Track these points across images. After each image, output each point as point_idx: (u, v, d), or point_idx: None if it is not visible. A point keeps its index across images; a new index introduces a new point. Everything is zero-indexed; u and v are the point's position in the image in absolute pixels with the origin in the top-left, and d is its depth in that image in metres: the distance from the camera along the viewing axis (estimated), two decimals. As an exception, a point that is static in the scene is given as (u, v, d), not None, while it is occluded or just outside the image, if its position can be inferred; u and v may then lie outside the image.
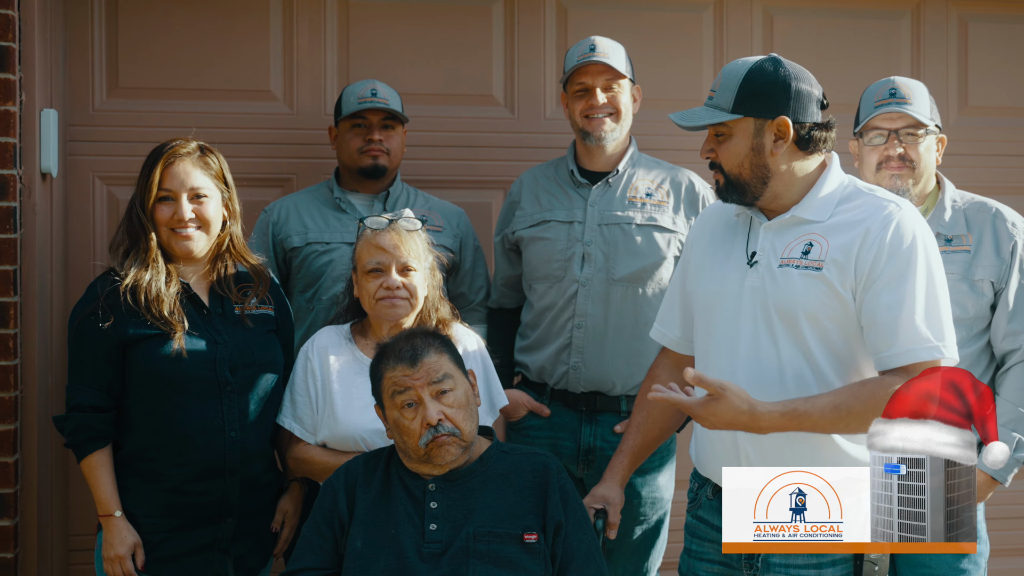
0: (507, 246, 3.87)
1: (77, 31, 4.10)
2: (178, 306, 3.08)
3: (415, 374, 2.74)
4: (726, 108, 2.66)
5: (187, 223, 3.10)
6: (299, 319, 3.73)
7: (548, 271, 3.70)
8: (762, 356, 2.64)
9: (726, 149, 2.68)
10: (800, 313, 2.60)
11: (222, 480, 3.07)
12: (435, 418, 2.70)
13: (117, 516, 3.06)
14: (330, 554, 2.76)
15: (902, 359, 2.53)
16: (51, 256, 3.92)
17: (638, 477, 3.58)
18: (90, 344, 3.06)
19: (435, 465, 2.74)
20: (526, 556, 2.68)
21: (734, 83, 2.66)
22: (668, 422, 3.06)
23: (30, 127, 3.75)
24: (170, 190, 3.10)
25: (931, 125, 3.32)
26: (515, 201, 3.85)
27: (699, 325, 2.83)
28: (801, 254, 2.63)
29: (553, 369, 3.70)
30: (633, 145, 3.79)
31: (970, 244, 3.29)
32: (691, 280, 2.88)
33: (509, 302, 3.94)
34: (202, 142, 3.20)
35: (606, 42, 3.68)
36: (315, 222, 3.81)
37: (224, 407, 3.07)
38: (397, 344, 2.81)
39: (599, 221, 3.66)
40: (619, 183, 3.71)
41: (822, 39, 4.54)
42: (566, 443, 3.69)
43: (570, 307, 3.66)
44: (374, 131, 3.79)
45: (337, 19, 4.28)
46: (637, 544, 3.70)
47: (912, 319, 2.53)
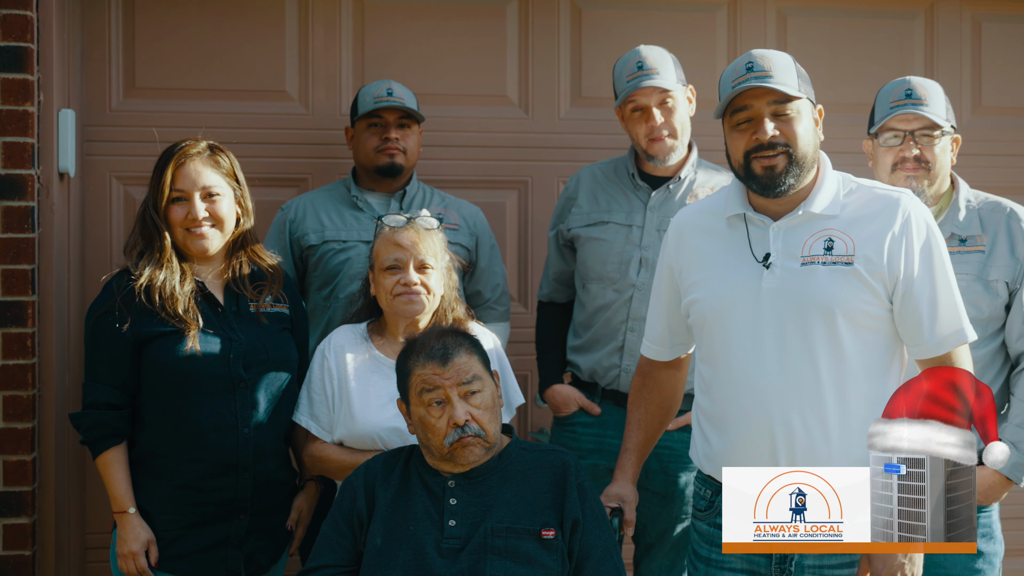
0: (561, 241, 3.85)
1: (94, 32, 4.12)
2: (192, 304, 3.09)
3: (445, 373, 2.74)
4: (793, 87, 2.65)
5: (201, 222, 3.12)
6: (316, 317, 3.74)
7: (604, 272, 3.68)
8: (792, 356, 2.63)
9: (798, 126, 2.65)
10: (836, 309, 2.60)
11: (235, 477, 3.09)
12: (462, 419, 2.71)
13: (131, 513, 3.07)
14: (349, 551, 2.77)
15: (946, 346, 2.63)
16: (68, 255, 3.94)
17: (683, 475, 3.60)
18: (106, 342, 3.08)
19: (457, 464, 2.75)
20: (544, 552, 2.69)
21: (789, 65, 2.67)
22: (666, 415, 3.09)
23: (48, 127, 3.78)
24: (182, 190, 3.12)
25: (947, 126, 3.32)
26: (572, 197, 3.82)
27: (711, 333, 2.77)
28: (824, 250, 2.64)
29: (605, 371, 3.69)
30: (695, 151, 3.74)
31: (984, 244, 3.28)
32: (690, 290, 2.82)
33: (560, 297, 3.92)
34: (212, 141, 3.21)
35: (653, 55, 3.61)
36: (332, 220, 3.82)
37: (237, 404, 3.09)
38: (428, 341, 2.81)
39: (658, 226, 3.62)
40: (680, 189, 3.67)
41: (835, 39, 4.54)
42: (613, 441, 3.63)
43: (624, 310, 3.64)
44: (390, 130, 3.79)
45: (352, 19, 4.29)
46: (677, 540, 3.68)
47: (949, 309, 2.64)
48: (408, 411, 2.83)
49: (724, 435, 2.75)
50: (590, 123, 4.33)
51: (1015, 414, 3.22)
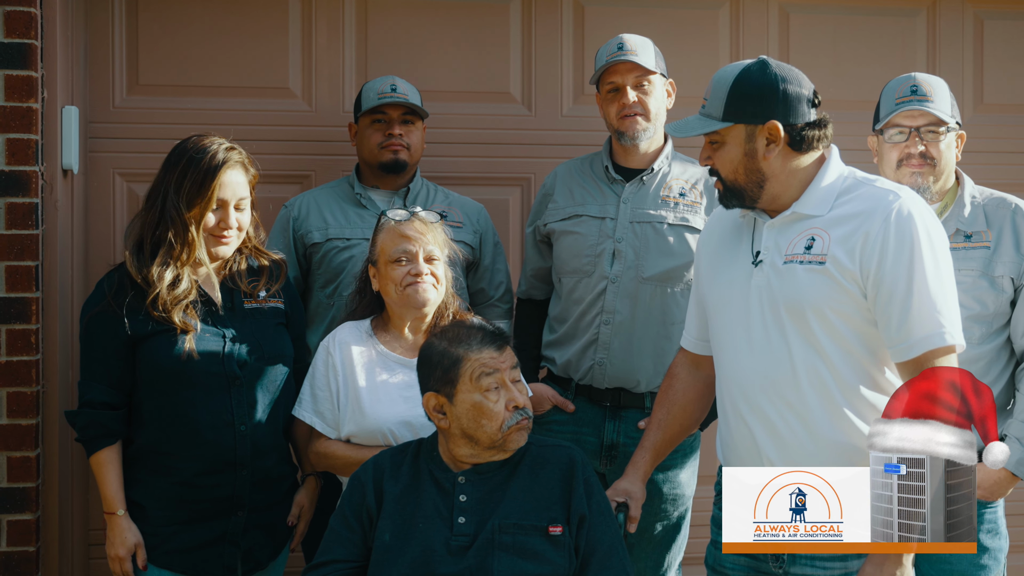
0: (538, 238, 3.86)
1: (98, 29, 4.12)
2: (191, 306, 3.08)
3: (501, 357, 2.78)
4: (717, 116, 2.68)
5: (230, 230, 3.12)
6: (319, 315, 3.74)
7: (578, 265, 3.69)
8: (774, 354, 2.66)
9: (721, 156, 2.70)
10: (807, 308, 2.61)
11: (232, 474, 3.08)
12: (522, 401, 2.76)
13: (120, 515, 3.07)
14: (359, 547, 2.77)
15: (918, 349, 2.55)
16: (72, 252, 3.94)
17: (660, 474, 3.59)
18: (100, 340, 3.07)
19: (505, 451, 2.78)
20: (551, 548, 2.70)
21: (723, 91, 2.67)
22: (689, 419, 3.08)
23: (52, 124, 3.78)
24: (223, 199, 3.09)
25: (952, 123, 3.32)
26: (548, 193, 3.84)
27: (713, 326, 2.86)
28: (804, 249, 2.65)
29: (579, 364, 3.70)
30: (669, 143, 3.77)
31: (990, 240, 3.28)
32: (704, 284, 2.91)
33: (538, 293, 3.94)
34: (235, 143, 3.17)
35: (634, 39, 3.67)
36: (336, 218, 3.82)
37: (233, 401, 3.08)
38: (472, 331, 2.84)
39: (631, 218, 3.66)
40: (653, 181, 3.70)
41: (838, 36, 4.55)
42: (589, 438, 3.69)
43: (599, 303, 3.66)
44: (394, 126, 3.79)
45: (355, 16, 4.29)
46: (659, 540, 3.70)
47: (924, 310, 2.54)
48: (452, 401, 2.79)
49: (725, 427, 2.82)
50: (593, 120, 4.30)
51: (1020, 410, 3.21)
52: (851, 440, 2.61)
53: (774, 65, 2.68)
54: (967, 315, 3.08)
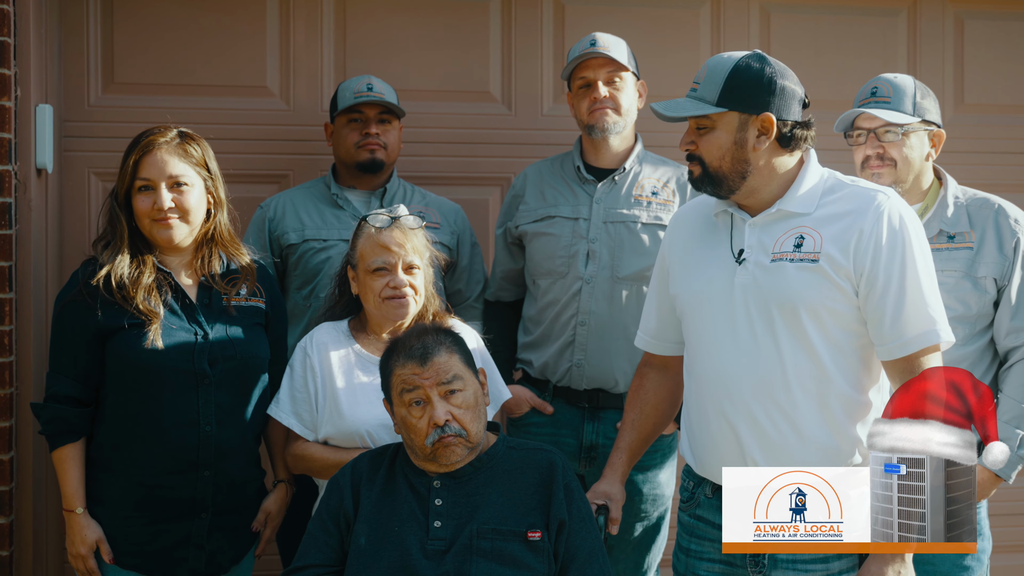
0: (509, 239, 3.85)
1: (73, 26, 4.08)
2: (156, 295, 3.03)
3: (424, 373, 2.73)
4: (711, 101, 2.66)
5: (167, 213, 3.05)
6: (296, 316, 3.71)
7: (552, 267, 3.68)
8: (762, 353, 2.64)
9: (708, 141, 2.69)
10: (800, 306, 2.60)
11: (195, 475, 3.03)
12: (442, 418, 2.69)
13: (78, 512, 3.03)
14: (336, 551, 2.74)
15: (912, 346, 2.57)
16: (46, 252, 3.90)
17: (639, 474, 3.58)
18: (69, 332, 3.04)
19: (440, 464, 2.73)
20: (529, 554, 2.67)
21: (720, 76, 2.66)
22: (661, 417, 3.07)
23: (25, 123, 3.73)
24: (148, 179, 3.04)
25: (913, 123, 3.32)
26: (518, 195, 3.83)
27: (688, 326, 2.83)
28: (794, 247, 2.64)
29: (556, 366, 3.69)
30: (639, 143, 3.78)
31: (973, 241, 3.29)
32: (674, 282, 2.88)
33: (507, 295, 3.93)
34: (184, 128, 3.14)
35: (607, 37, 3.67)
36: (312, 219, 3.79)
37: (200, 400, 3.03)
38: (408, 341, 2.79)
39: (604, 219, 3.65)
40: (625, 181, 3.70)
41: (818, 36, 4.55)
42: (568, 440, 3.68)
43: (574, 304, 3.65)
44: (371, 125, 3.77)
45: (334, 15, 4.27)
46: (638, 541, 3.70)
47: (916, 309, 2.57)
48: (392, 411, 2.81)
49: (701, 429, 2.78)
50: (573, 120, 4.30)
51: (1003, 411, 3.22)
52: (837, 441, 2.61)
53: (772, 60, 2.70)
54: (950, 316, 3.06)
